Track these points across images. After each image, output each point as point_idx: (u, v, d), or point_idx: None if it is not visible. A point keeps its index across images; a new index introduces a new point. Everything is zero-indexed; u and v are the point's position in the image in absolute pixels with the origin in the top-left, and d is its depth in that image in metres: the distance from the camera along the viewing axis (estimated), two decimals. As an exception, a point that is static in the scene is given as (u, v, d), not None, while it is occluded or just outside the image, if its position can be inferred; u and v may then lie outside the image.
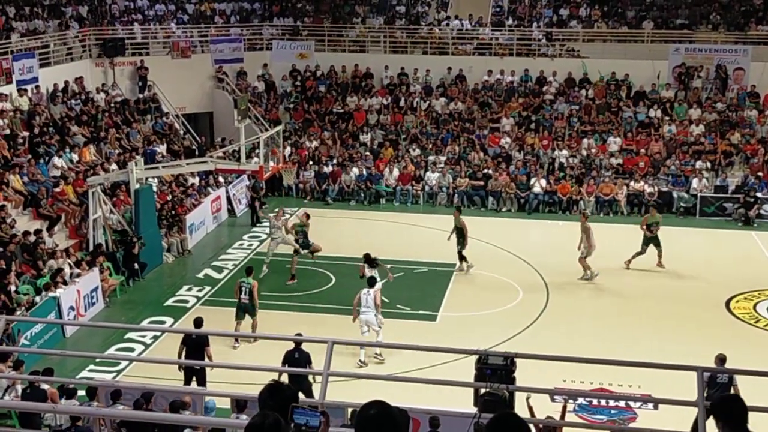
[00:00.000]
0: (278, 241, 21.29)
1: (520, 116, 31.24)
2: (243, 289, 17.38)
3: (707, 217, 26.73)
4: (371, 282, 17.27)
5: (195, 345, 14.56)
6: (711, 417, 4.84)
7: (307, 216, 22.11)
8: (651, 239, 22.00)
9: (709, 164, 28.23)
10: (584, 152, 29.40)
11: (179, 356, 14.47)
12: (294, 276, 21.00)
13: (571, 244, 21.44)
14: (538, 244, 25.16)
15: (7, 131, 23.63)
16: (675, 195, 27.23)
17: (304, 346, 13.86)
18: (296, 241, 21.12)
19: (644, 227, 22.14)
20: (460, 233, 21.45)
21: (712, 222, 26.45)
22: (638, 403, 14.57)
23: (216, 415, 12.21)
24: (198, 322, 15.28)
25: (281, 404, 4.65)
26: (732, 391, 12.83)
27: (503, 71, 32.48)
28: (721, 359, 13.01)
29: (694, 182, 27.35)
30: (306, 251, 21.17)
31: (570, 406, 14.58)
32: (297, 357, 13.66)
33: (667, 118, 30.43)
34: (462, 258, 21.47)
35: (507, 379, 7.45)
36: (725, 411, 4.59)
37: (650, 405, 14.37)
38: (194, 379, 14.40)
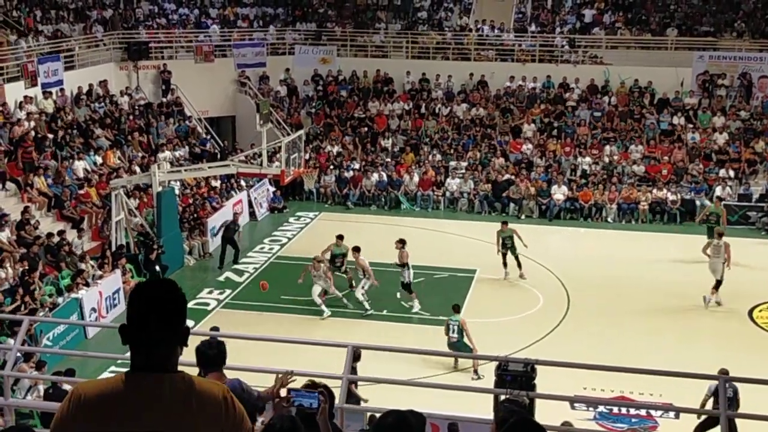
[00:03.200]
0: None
1: (542, 122, 31.16)
2: (450, 327, 16.41)
3: (731, 226, 26.39)
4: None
5: None
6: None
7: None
8: (711, 229, 22.50)
9: (732, 172, 28.02)
10: (606, 159, 29.29)
11: None
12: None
13: (593, 251, 21.37)
14: (560, 251, 25.07)
15: (32, 133, 23.84)
16: (698, 203, 27.04)
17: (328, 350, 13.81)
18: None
19: (703, 217, 23.49)
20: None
21: (736, 230, 26.16)
22: (659, 412, 14.46)
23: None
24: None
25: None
26: (736, 406, 12.75)
27: (525, 77, 32.40)
28: (724, 373, 12.90)
29: (718, 190, 27.15)
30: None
31: (590, 414, 14.54)
32: None
33: (691, 125, 30.24)
34: None
35: (527, 385, 7.46)
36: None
37: (671, 414, 14.26)
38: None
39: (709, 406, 12.62)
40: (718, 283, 19.87)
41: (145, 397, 2.96)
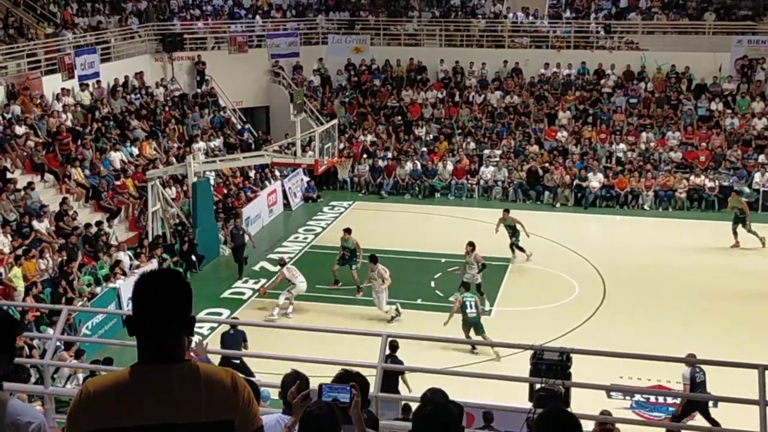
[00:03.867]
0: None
1: (576, 110, 30.89)
2: (468, 303, 16.72)
3: (769, 213, 26.15)
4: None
5: (232, 343, 14.63)
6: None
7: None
8: (739, 220, 22.86)
9: (772, 158, 27.58)
10: (643, 146, 28.96)
11: None
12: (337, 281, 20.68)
13: (630, 239, 21.17)
14: (595, 239, 24.88)
15: (69, 124, 24.14)
16: (737, 189, 26.65)
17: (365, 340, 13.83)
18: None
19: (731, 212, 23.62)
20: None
21: (775, 217, 25.86)
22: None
23: (270, 405, 12.32)
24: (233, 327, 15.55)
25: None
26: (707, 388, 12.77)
27: (560, 64, 32.11)
28: (691, 356, 12.77)
29: (757, 176, 26.76)
30: None
31: (627, 403, 14.44)
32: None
33: (729, 111, 29.80)
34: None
35: (562, 374, 7.39)
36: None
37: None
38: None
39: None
40: None
41: (154, 389, 2.97)
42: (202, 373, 3.03)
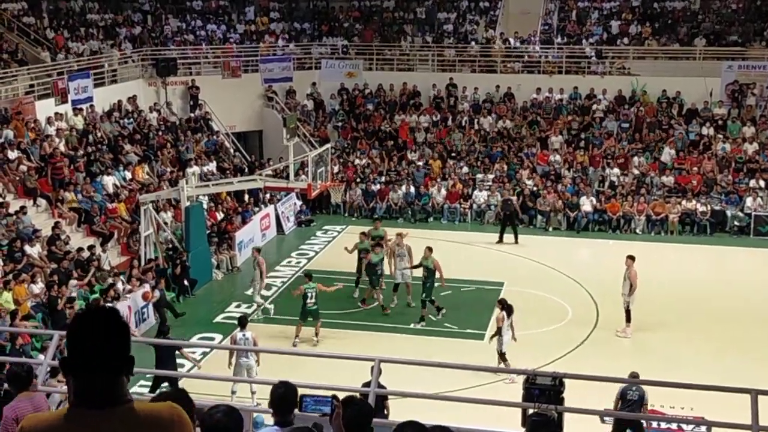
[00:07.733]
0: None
1: (569, 134, 31.02)
2: (309, 294, 18.23)
3: (761, 237, 26.23)
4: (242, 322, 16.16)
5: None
6: None
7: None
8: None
9: (763, 183, 27.70)
10: (635, 170, 29.04)
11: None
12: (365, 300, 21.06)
13: (622, 263, 21.11)
14: (588, 263, 24.90)
15: (62, 149, 24.14)
16: (728, 214, 26.77)
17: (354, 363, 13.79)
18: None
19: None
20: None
21: (767, 241, 25.93)
22: (691, 426, 14.29)
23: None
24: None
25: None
26: (642, 409, 12.70)
27: (552, 89, 32.29)
28: (634, 376, 12.71)
29: (748, 201, 26.87)
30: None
31: None
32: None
33: (720, 136, 29.96)
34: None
35: (555, 399, 7.37)
36: None
37: (703, 427, 14.07)
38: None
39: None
40: None
41: None
42: (143, 416, 2.88)
